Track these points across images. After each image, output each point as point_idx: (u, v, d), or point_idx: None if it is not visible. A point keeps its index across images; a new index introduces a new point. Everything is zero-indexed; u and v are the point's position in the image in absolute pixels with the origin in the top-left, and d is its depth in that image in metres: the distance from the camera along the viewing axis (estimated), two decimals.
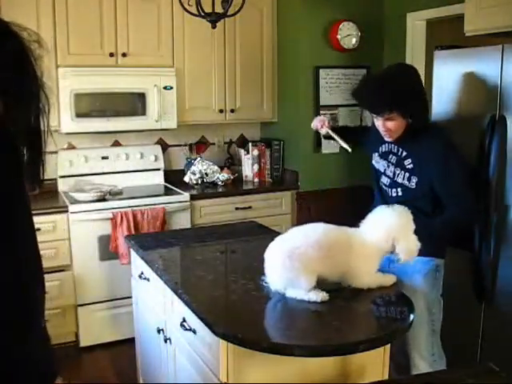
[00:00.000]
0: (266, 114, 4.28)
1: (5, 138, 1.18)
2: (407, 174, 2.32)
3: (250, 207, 3.95)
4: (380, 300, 1.86)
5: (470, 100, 2.79)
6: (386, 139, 2.37)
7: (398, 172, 2.36)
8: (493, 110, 2.71)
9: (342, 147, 2.71)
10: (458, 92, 2.78)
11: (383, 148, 2.46)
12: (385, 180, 2.44)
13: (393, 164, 2.39)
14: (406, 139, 2.32)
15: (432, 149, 2.27)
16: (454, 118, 2.81)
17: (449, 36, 3.50)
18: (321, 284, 1.87)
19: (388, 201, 2.36)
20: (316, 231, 1.90)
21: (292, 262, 1.80)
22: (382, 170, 2.45)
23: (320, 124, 2.71)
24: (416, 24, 3.89)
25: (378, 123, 2.33)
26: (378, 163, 2.49)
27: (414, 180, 2.30)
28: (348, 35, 3.97)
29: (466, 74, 2.80)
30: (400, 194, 2.36)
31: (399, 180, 2.35)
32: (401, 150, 2.36)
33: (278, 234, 2.78)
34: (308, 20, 3.93)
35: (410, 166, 2.31)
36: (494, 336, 2.77)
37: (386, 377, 1.88)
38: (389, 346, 1.85)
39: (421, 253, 2.04)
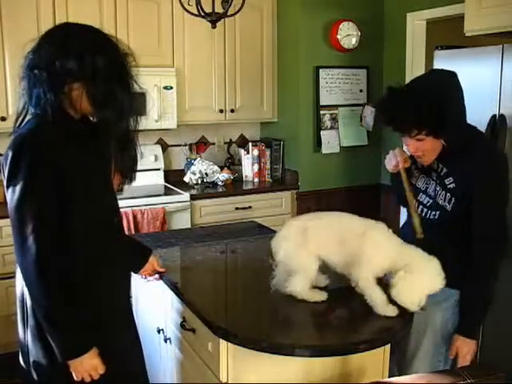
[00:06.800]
0: (266, 114, 4.28)
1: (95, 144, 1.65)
2: (448, 195, 1.95)
3: (250, 207, 3.95)
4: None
5: (470, 100, 2.79)
6: (422, 163, 2.01)
7: (439, 192, 1.98)
8: (493, 110, 2.71)
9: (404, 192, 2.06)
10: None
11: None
12: (425, 200, 2.05)
13: (435, 182, 2.02)
14: (447, 154, 1.94)
15: (477, 166, 1.88)
16: None
17: (449, 36, 3.50)
18: (320, 282, 1.87)
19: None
20: (332, 216, 1.89)
21: (303, 237, 1.81)
22: (423, 189, 2.06)
23: (395, 162, 2.05)
24: (416, 24, 3.89)
25: (407, 143, 1.95)
26: (418, 179, 2.09)
27: (453, 201, 1.94)
28: (348, 35, 3.96)
29: (465, 74, 2.80)
30: (437, 217, 1.99)
31: (440, 201, 1.98)
32: (441, 166, 1.99)
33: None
34: (308, 20, 3.93)
35: (452, 186, 1.94)
36: (494, 336, 2.76)
37: (386, 377, 1.88)
38: (389, 346, 1.85)
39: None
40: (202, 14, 2.66)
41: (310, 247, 1.81)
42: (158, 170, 4.10)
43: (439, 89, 1.87)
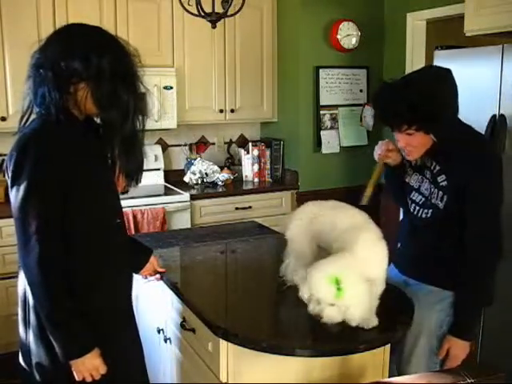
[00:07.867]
0: (266, 114, 4.28)
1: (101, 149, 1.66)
2: (441, 193, 1.91)
3: (250, 207, 3.95)
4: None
5: (470, 100, 2.79)
6: (408, 158, 1.99)
7: (432, 190, 1.95)
8: (493, 110, 2.71)
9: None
10: (458, 92, 2.78)
11: (418, 160, 2.03)
12: (417, 198, 2.02)
13: (429, 180, 1.98)
14: (441, 151, 1.91)
15: (471, 166, 1.85)
16: None
17: (449, 36, 3.51)
18: None
19: (414, 222, 2.04)
20: (341, 209, 1.88)
21: (312, 222, 1.83)
22: (416, 186, 2.03)
23: (379, 151, 2.07)
24: (416, 24, 3.89)
25: (396, 138, 1.93)
26: (411, 177, 2.06)
27: (445, 199, 1.90)
28: (348, 35, 3.97)
29: (466, 73, 2.80)
30: (429, 215, 1.96)
31: (433, 200, 1.94)
32: (434, 163, 1.95)
33: (278, 233, 2.79)
34: (308, 20, 3.94)
35: (444, 184, 1.91)
36: (494, 336, 2.77)
37: (386, 377, 1.88)
38: (389, 346, 1.85)
39: (437, 281, 1.87)
40: (202, 14, 2.66)
41: (314, 234, 1.82)
42: (158, 170, 4.10)
43: (432, 83, 1.85)
